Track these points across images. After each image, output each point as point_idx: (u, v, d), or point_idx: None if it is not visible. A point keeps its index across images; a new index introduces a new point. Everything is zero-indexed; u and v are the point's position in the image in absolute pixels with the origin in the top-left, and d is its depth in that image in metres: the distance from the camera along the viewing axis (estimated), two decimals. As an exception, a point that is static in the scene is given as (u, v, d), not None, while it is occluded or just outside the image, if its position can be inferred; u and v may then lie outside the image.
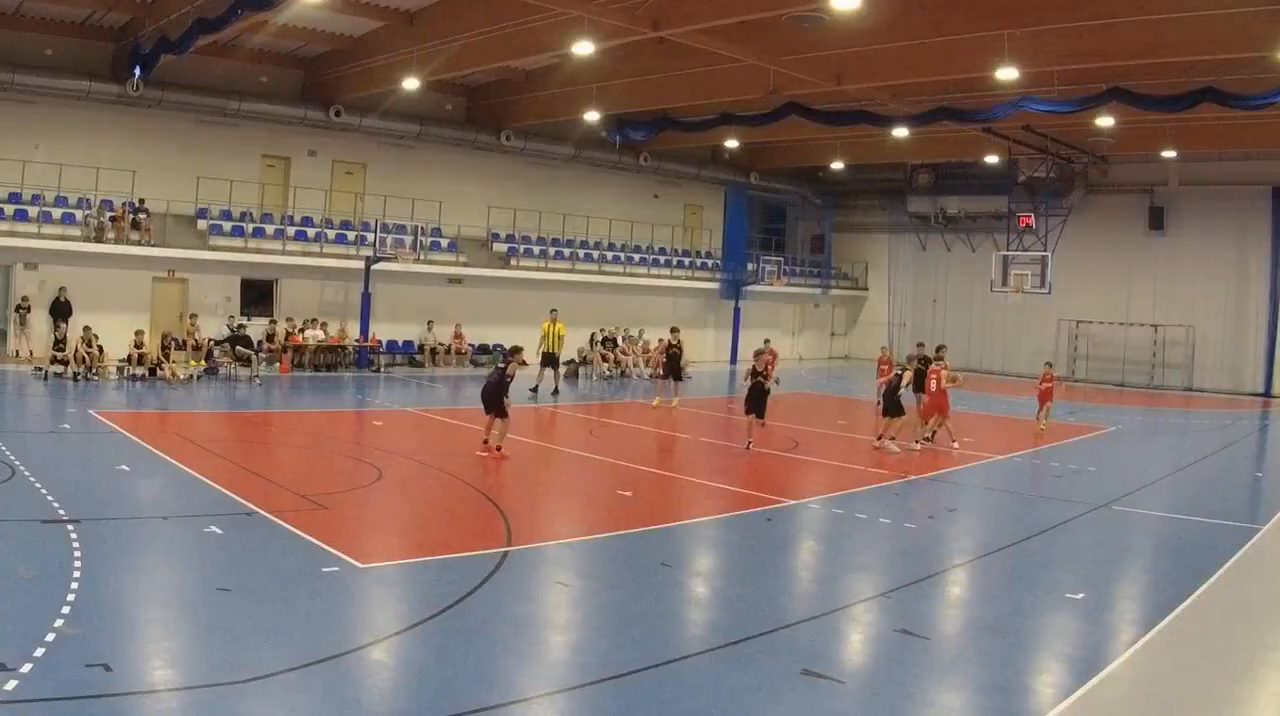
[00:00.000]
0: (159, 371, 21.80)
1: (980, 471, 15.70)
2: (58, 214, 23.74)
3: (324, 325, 26.93)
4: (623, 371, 29.82)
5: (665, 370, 22.96)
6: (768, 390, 16.84)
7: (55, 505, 9.75)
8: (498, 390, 14.34)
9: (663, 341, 24.16)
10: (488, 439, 14.56)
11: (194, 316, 24.37)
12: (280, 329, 25.97)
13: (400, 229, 27.95)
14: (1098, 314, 35.51)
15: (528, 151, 32.24)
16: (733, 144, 34.37)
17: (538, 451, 16.07)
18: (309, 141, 28.69)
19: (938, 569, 9.79)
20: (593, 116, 27.64)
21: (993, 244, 35.15)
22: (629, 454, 16.01)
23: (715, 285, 37.17)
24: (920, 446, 17.28)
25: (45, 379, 20.61)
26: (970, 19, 19.00)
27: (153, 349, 22.38)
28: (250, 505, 10.35)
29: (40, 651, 6.02)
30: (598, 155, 33.77)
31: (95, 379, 21.07)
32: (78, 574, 7.62)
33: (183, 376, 21.97)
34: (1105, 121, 25.57)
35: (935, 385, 17.54)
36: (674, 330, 23.79)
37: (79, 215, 23.93)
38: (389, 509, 11.28)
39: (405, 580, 8.49)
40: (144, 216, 24.46)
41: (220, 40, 23.19)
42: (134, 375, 21.69)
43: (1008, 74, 19.51)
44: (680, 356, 23.01)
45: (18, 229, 22.85)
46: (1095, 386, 34.12)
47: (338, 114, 27.67)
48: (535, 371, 23.57)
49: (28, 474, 11.10)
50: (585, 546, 9.88)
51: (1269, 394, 32.14)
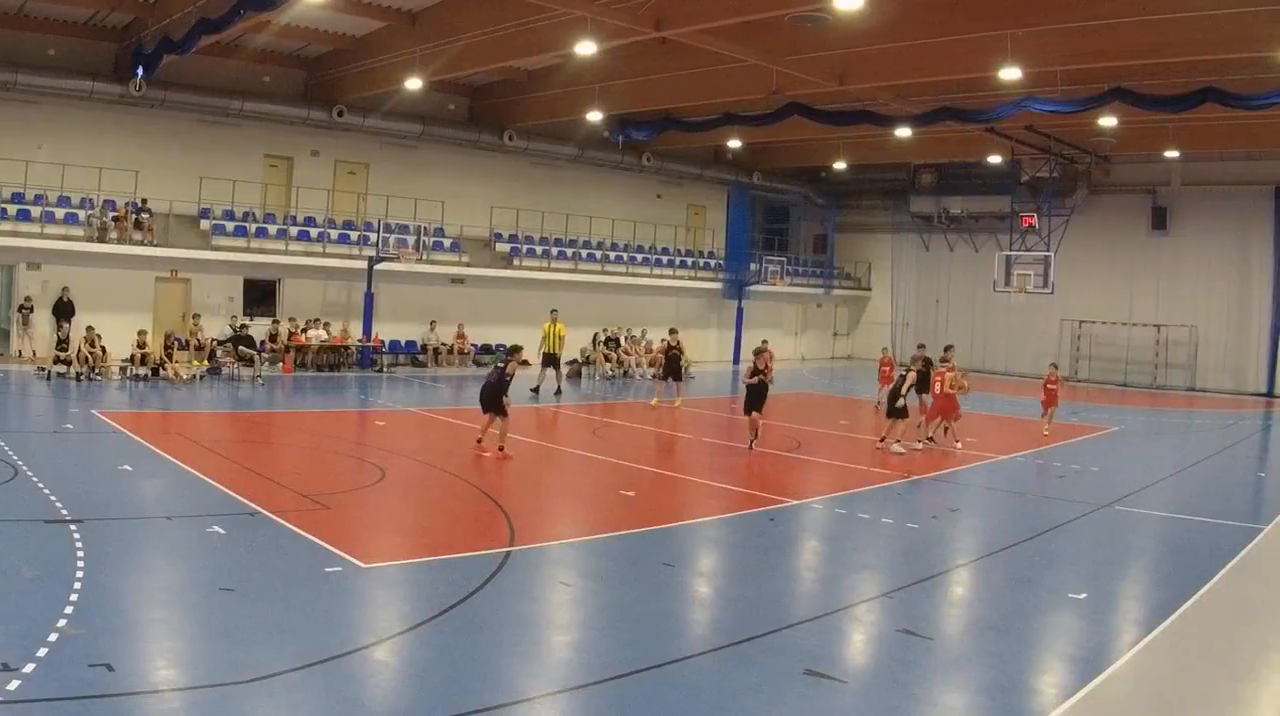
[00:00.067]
0: (162, 371, 21.81)
1: (983, 471, 15.69)
2: (61, 214, 23.77)
3: (327, 325, 26.93)
4: (625, 371, 29.81)
5: (665, 371, 22.98)
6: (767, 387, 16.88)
7: (58, 505, 9.76)
8: (497, 390, 14.35)
9: (663, 342, 24.12)
10: (481, 438, 14.56)
11: (197, 316, 24.36)
12: (283, 329, 25.99)
13: (403, 229, 28.00)
14: (1100, 314, 35.49)
15: (530, 151, 32.26)
16: (735, 144, 34.35)
17: (541, 451, 16.07)
18: (312, 141, 28.71)
19: (940, 569, 9.79)
20: (595, 116, 27.67)
21: (995, 244, 35.12)
22: (632, 454, 16.01)
23: (718, 285, 37.19)
24: (923, 445, 17.27)
25: (48, 379, 20.63)
26: (973, 19, 19.00)
27: (155, 349, 22.38)
28: (253, 505, 10.35)
29: (43, 651, 6.03)
30: (600, 155, 33.76)
31: (98, 379, 21.09)
32: (80, 574, 7.62)
33: (185, 376, 21.98)
34: (1108, 121, 25.56)
35: (940, 387, 17.51)
36: (672, 331, 23.75)
37: (82, 215, 23.96)
38: (392, 509, 11.28)
39: (408, 580, 8.49)
40: (147, 216, 24.50)
41: (223, 40, 23.19)
42: (137, 375, 21.70)
43: (1010, 74, 19.53)
44: (680, 357, 23.01)
45: (21, 229, 22.88)
46: (1098, 386, 34.10)
47: (340, 114, 27.68)
48: (536, 372, 23.61)
49: (30, 474, 11.12)
50: (588, 546, 9.88)
51: (1271, 394, 32.14)
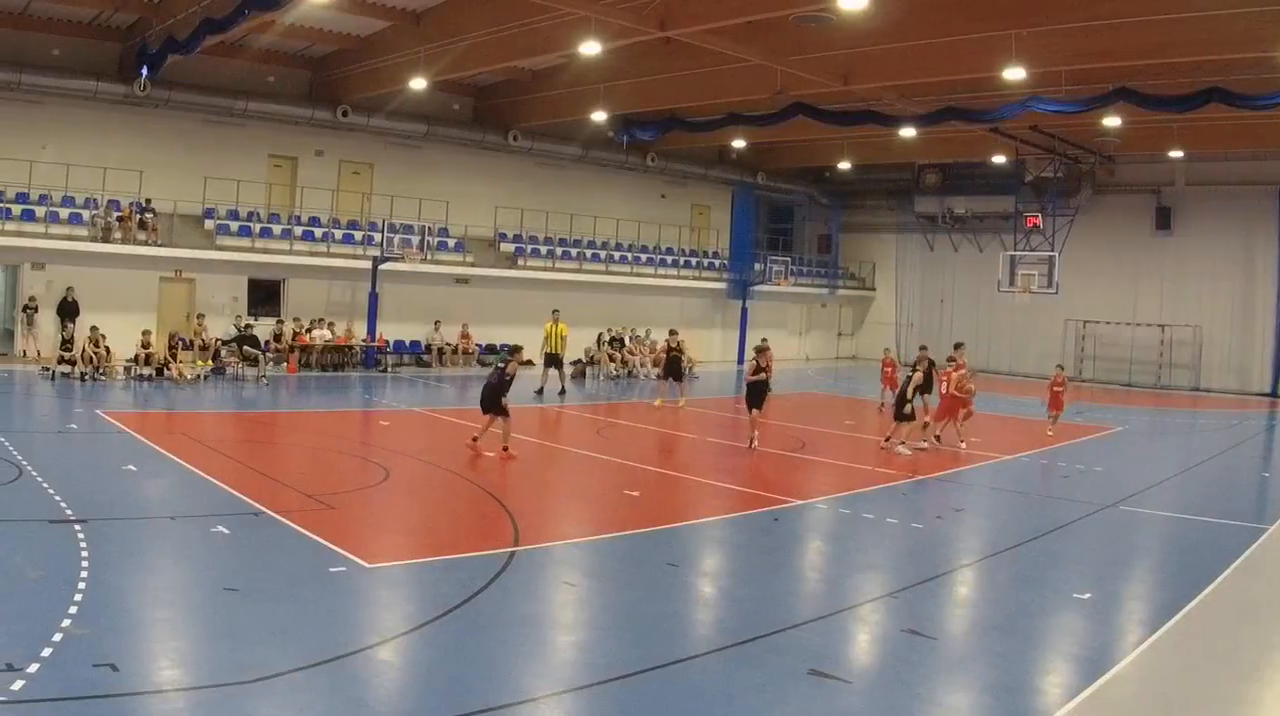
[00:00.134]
0: (166, 371, 21.85)
1: (988, 471, 15.68)
2: (65, 214, 23.82)
3: (331, 325, 26.96)
4: (630, 371, 29.81)
5: (665, 371, 22.92)
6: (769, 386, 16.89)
7: (62, 505, 9.76)
8: (497, 390, 14.35)
9: (665, 342, 24.05)
10: (478, 437, 14.56)
11: (201, 316, 24.38)
12: (287, 329, 26.02)
13: (407, 229, 28.02)
14: (1105, 314, 35.44)
15: (535, 151, 32.26)
16: (740, 144, 34.32)
17: (545, 451, 16.07)
18: (316, 141, 28.74)
19: (945, 569, 9.78)
20: (600, 116, 27.67)
21: (1000, 244, 35.02)
22: (636, 454, 16.01)
23: (722, 285, 37.18)
24: (928, 444, 17.26)
25: (52, 379, 20.65)
26: (977, 19, 18.98)
27: (160, 349, 22.40)
28: (257, 505, 10.36)
29: (47, 651, 6.03)
30: (605, 155, 33.77)
31: (102, 379, 21.11)
32: (85, 574, 7.63)
33: (190, 376, 22.01)
34: (1112, 121, 25.50)
35: (946, 387, 17.48)
36: (672, 332, 23.72)
37: (86, 215, 24.00)
38: (396, 509, 11.28)
39: (412, 580, 8.50)
40: (151, 216, 24.53)
41: (227, 40, 23.19)
42: (141, 375, 21.72)
43: (1015, 74, 19.50)
44: (681, 358, 22.94)
45: (25, 229, 22.92)
46: (1102, 386, 34.02)
47: (345, 114, 27.70)
48: (539, 372, 23.58)
49: (35, 474, 11.13)
50: (592, 546, 9.88)
51: (1276, 394, 32.05)
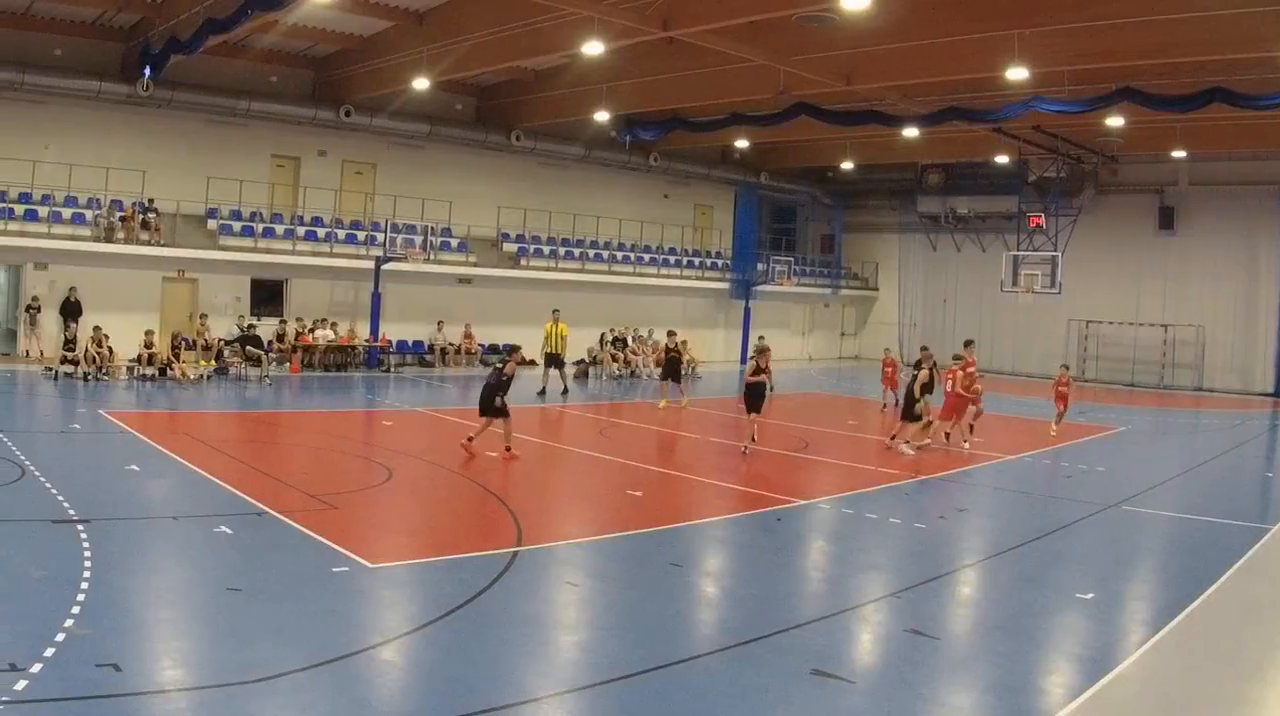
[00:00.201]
0: (169, 371, 21.86)
1: (991, 471, 15.67)
2: (68, 214, 23.84)
3: (334, 325, 26.95)
4: (632, 371, 29.80)
5: (664, 372, 22.90)
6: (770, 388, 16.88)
7: (65, 505, 9.77)
8: (494, 390, 14.34)
9: (666, 343, 24.00)
10: (474, 437, 14.55)
11: (204, 316, 24.40)
12: (290, 329, 26.02)
13: (410, 229, 28.05)
14: (1107, 314, 35.42)
15: (537, 151, 32.27)
16: (743, 144, 34.32)
17: (547, 451, 16.07)
18: (319, 141, 28.76)
19: (948, 569, 9.77)
20: (603, 116, 27.67)
21: (1003, 244, 35.02)
22: (639, 454, 16.01)
23: (725, 285, 37.17)
24: (934, 442, 17.23)
25: (55, 379, 20.66)
26: (980, 19, 18.97)
27: (163, 349, 22.41)
28: (260, 505, 10.36)
29: (50, 651, 6.03)
30: (608, 155, 33.78)
31: (105, 379, 21.13)
32: (87, 574, 7.63)
33: (193, 376, 22.03)
34: (1115, 121, 25.48)
35: (951, 386, 17.47)
36: (671, 333, 23.66)
37: (89, 215, 24.02)
38: (399, 509, 11.28)
39: (415, 580, 8.50)
40: (154, 216, 24.55)
41: (230, 40, 23.24)
42: (144, 375, 21.74)
43: (1018, 74, 19.49)
44: (680, 359, 22.87)
45: (28, 229, 22.95)
46: (1105, 386, 34.00)
47: (347, 114, 27.72)
48: (540, 372, 23.55)
49: (38, 474, 11.14)
50: (595, 546, 9.87)
51: (1278, 394, 32.00)
